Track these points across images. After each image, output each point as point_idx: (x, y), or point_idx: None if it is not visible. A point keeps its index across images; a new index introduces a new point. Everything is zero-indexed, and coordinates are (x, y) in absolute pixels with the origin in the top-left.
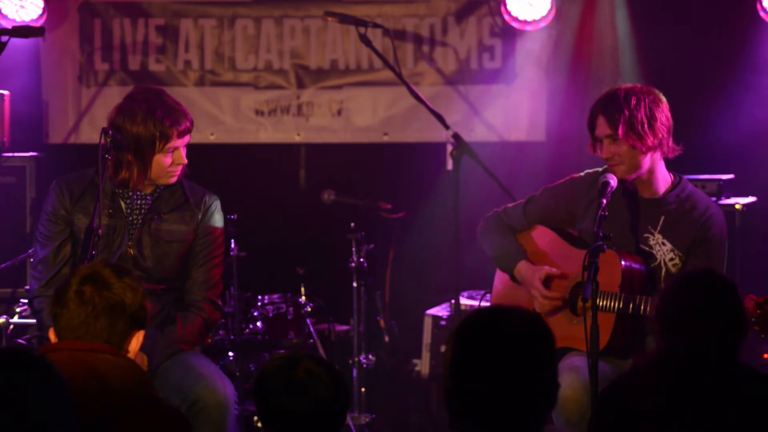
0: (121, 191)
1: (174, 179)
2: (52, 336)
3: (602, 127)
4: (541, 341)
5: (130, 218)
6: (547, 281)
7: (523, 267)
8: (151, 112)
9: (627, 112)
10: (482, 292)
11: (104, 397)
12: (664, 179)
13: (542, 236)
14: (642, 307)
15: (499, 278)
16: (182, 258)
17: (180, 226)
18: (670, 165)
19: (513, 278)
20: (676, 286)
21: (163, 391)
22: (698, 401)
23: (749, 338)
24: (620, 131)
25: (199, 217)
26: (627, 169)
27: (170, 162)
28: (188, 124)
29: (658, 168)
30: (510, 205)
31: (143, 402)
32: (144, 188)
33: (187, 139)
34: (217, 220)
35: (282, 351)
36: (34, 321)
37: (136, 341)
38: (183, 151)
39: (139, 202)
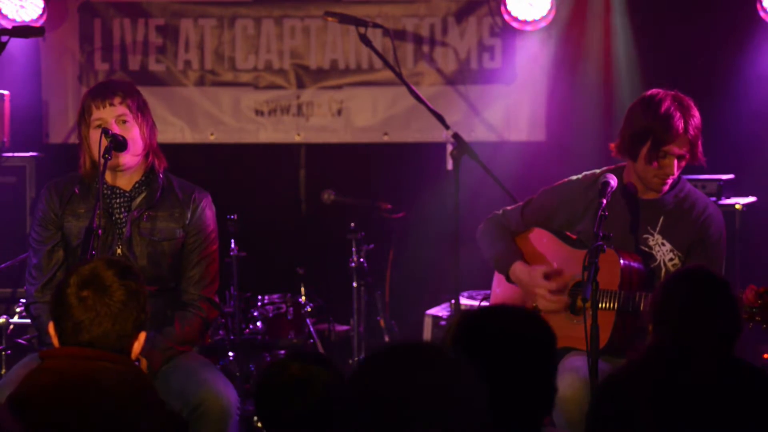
0: (106, 191)
1: (122, 157)
2: (51, 330)
3: (683, 147)
4: (542, 342)
5: (114, 217)
6: (548, 278)
7: (518, 267)
8: (83, 96)
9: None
10: (482, 292)
11: (103, 405)
12: None
13: (540, 238)
14: (642, 304)
15: (497, 281)
16: (175, 256)
17: (170, 223)
18: None
19: (508, 279)
20: (667, 282)
21: (164, 395)
22: (689, 395)
23: (749, 338)
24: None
25: (189, 214)
26: (671, 182)
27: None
28: (110, 94)
29: None
30: (509, 207)
31: (142, 408)
32: (123, 184)
33: (112, 110)
34: (208, 216)
35: (282, 351)
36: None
37: (138, 343)
38: (112, 121)
39: (119, 200)
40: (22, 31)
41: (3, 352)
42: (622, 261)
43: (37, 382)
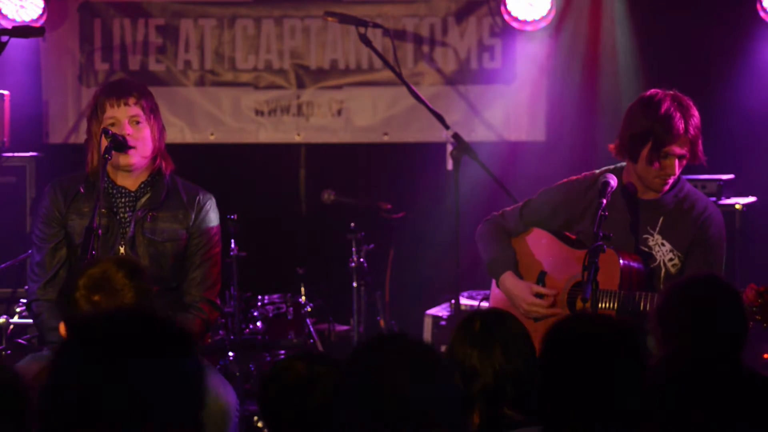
0: (111, 190)
1: (132, 157)
2: (63, 330)
3: (683, 147)
4: (634, 356)
5: (118, 216)
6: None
7: (507, 279)
8: (96, 93)
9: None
10: (482, 292)
11: None
12: None
13: (539, 238)
14: (642, 305)
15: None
16: (177, 257)
17: (173, 224)
18: None
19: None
20: (673, 293)
21: None
22: (703, 408)
23: (750, 338)
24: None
25: (193, 216)
26: (672, 182)
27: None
28: (126, 94)
29: None
30: (507, 208)
31: None
32: (128, 184)
33: (126, 110)
34: (212, 218)
35: (282, 351)
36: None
37: None
38: (125, 121)
39: (123, 199)
40: (22, 31)
41: (3, 352)
42: (621, 261)
43: None
